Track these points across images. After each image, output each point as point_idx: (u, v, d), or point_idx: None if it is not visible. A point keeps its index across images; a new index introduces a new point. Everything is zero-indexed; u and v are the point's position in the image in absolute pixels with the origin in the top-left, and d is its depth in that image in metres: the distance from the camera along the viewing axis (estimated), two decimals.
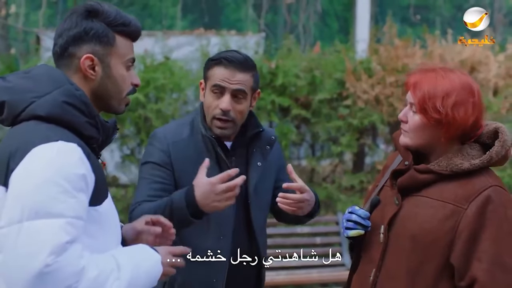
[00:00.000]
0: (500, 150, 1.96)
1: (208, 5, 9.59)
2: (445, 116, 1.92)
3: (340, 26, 10.26)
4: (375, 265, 2.04)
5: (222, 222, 2.36)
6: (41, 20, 8.22)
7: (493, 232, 1.88)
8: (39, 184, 1.56)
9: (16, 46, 7.70)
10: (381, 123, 5.95)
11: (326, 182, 6.21)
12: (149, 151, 2.41)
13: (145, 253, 1.77)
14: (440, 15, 10.93)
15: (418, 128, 1.98)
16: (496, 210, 1.90)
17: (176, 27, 9.30)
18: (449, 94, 1.93)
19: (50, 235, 1.53)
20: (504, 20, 10.91)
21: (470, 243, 1.89)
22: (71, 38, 1.76)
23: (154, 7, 9.70)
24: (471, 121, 1.95)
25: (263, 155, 2.46)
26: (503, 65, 6.33)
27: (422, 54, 6.26)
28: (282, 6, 9.73)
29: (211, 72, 2.36)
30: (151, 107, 5.47)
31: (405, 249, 1.97)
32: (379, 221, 2.06)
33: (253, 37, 7.71)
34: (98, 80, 1.77)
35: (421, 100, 1.94)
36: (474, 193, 1.91)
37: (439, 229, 1.92)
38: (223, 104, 2.31)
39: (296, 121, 6.08)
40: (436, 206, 1.94)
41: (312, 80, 5.97)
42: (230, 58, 2.33)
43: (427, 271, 1.93)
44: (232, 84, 2.32)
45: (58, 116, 1.67)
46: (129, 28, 1.81)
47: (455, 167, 1.94)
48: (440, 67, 2.01)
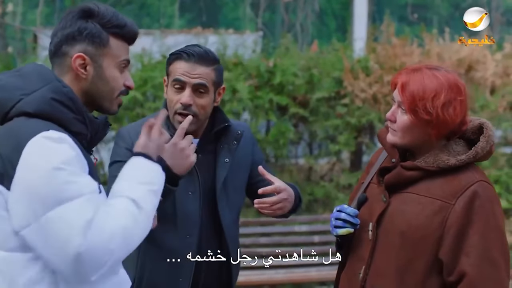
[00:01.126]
0: (485, 146, 1.98)
1: (206, 4, 9.60)
2: (435, 117, 1.93)
3: (337, 25, 10.28)
4: (364, 263, 2.05)
5: (189, 221, 2.34)
6: (38, 18, 8.22)
7: (481, 227, 1.90)
8: (44, 175, 1.58)
9: (14, 44, 7.69)
10: (378, 122, 5.95)
11: (324, 180, 6.21)
12: (115, 151, 2.36)
13: (147, 170, 1.75)
14: (437, 14, 10.96)
15: (407, 127, 1.99)
16: (483, 205, 1.91)
17: (174, 26, 9.31)
18: (437, 95, 1.93)
19: (74, 217, 1.56)
20: (502, 19, 10.94)
21: (458, 238, 1.90)
22: (64, 37, 1.78)
23: (152, 6, 9.70)
24: (460, 119, 1.97)
25: (230, 151, 2.42)
26: (500, 64, 6.34)
27: (420, 53, 6.27)
28: (280, 5, 9.74)
29: (172, 67, 2.32)
30: (149, 106, 5.47)
31: (394, 246, 1.98)
32: (367, 219, 2.07)
33: (251, 36, 7.72)
34: (90, 80, 1.79)
35: (411, 101, 1.95)
36: (461, 189, 1.92)
37: (427, 225, 1.93)
38: (184, 98, 2.27)
39: (294, 120, 6.08)
40: (424, 203, 1.95)
41: (310, 79, 5.97)
42: (190, 52, 2.29)
43: (416, 268, 1.94)
44: (192, 78, 2.29)
45: (46, 113, 1.69)
46: (123, 30, 1.83)
47: (441, 163, 1.96)
48: (426, 66, 2.02)
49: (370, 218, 2.05)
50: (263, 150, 5.98)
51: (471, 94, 5.99)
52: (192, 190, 2.34)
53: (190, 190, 2.33)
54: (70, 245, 1.54)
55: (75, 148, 1.66)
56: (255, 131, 5.79)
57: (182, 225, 2.32)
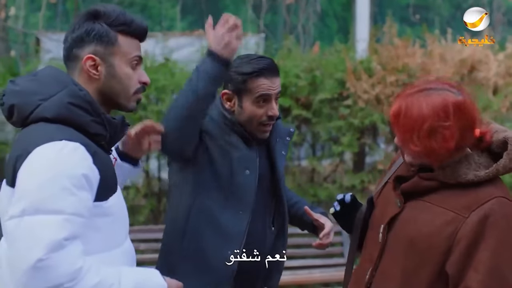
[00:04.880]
0: (508, 164, 1.90)
1: (207, 6, 9.60)
2: (423, 148, 1.89)
3: (339, 26, 10.27)
4: (372, 264, 2.04)
5: (243, 197, 2.40)
6: (40, 22, 8.24)
7: (493, 243, 1.83)
8: (41, 182, 1.61)
9: (16, 48, 7.70)
10: (381, 123, 5.95)
11: (327, 182, 6.21)
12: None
13: (152, 278, 1.79)
14: (439, 14, 10.95)
15: (412, 156, 1.97)
16: (497, 222, 1.84)
17: (176, 28, 9.32)
18: (421, 126, 1.87)
19: (47, 230, 1.58)
20: (503, 19, 10.93)
21: (467, 252, 1.84)
22: (74, 40, 1.82)
23: (154, 8, 9.71)
24: (453, 145, 1.89)
25: (285, 146, 2.56)
26: (503, 64, 6.33)
27: (422, 54, 6.26)
28: (281, 6, 9.74)
29: (251, 84, 2.37)
30: (152, 108, 5.47)
31: (402, 252, 1.95)
32: (380, 220, 2.05)
33: (253, 38, 7.72)
34: (103, 80, 1.82)
35: (402, 138, 1.94)
36: (477, 203, 1.86)
37: (437, 235, 1.89)
38: (274, 110, 2.40)
39: (297, 121, 6.08)
40: (437, 212, 1.91)
41: (313, 80, 5.97)
42: (269, 66, 2.38)
43: (421, 276, 1.91)
44: (275, 89, 2.40)
45: (65, 117, 1.72)
46: (130, 27, 1.85)
47: (459, 177, 1.90)
48: (419, 89, 1.94)
49: (382, 220, 2.03)
50: None
51: (474, 94, 5.98)
52: (251, 169, 2.40)
53: (248, 169, 2.39)
54: (29, 256, 1.55)
55: (87, 161, 1.68)
56: None
57: (235, 200, 2.38)
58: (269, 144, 2.51)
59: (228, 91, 2.41)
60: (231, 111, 2.42)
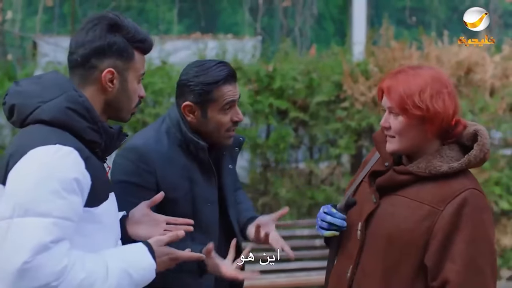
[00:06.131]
0: (479, 154, 1.96)
1: (204, 10, 9.60)
2: (426, 110, 1.94)
3: (336, 29, 10.28)
4: (352, 262, 2.06)
5: (208, 231, 2.34)
6: (37, 26, 8.23)
7: (468, 234, 1.89)
8: (32, 184, 1.63)
9: (13, 52, 7.69)
10: (379, 125, 5.93)
11: (324, 184, 6.21)
12: (129, 168, 2.29)
13: (141, 259, 1.79)
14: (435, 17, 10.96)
15: (402, 129, 1.99)
16: (471, 213, 1.90)
17: (173, 31, 9.31)
18: (424, 89, 1.94)
19: (34, 233, 1.60)
20: (500, 21, 10.94)
21: (444, 244, 1.89)
22: (94, 50, 1.83)
23: (151, 12, 9.71)
24: (452, 111, 1.97)
25: (233, 158, 2.48)
26: (499, 66, 6.34)
27: (419, 56, 6.27)
28: (278, 9, 9.75)
29: (217, 93, 2.30)
30: (149, 111, 5.48)
31: (381, 248, 1.99)
32: (357, 218, 2.08)
33: (250, 41, 7.73)
34: (114, 93, 1.86)
35: (399, 101, 1.96)
36: (451, 195, 1.92)
37: (415, 230, 1.93)
38: (239, 115, 2.34)
39: (294, 124, 6.08)
40: (413, 207, 1.95)
41: (310, 83, 5.97)
42: (231, 73, 2.34)
43: (402, 271, 1.95)
44: (237, 94, 2.36)
45: (61, 121, 1.74)
46: (145, 44, 1.91)
47: (433, 169, 1.95)
48: (408, 67, 2.04)
49: (360, 218, 2.06)
50: (263, 155, 5.98)
51: (471, 96, 5.99)
52: (211, 201, 2.35)
53: (209, 202, 2.34)
54: (15, 259, 1.58)
55: (79, 166, 1.69)
56: (255, 136, 5.79)
57: (201, 236, 2.30)
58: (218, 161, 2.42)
59: (190, 102, 2.31)
60: (193, 122, 2.33)
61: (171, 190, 2.25)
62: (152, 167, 2.26)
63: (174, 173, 2.28)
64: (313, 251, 5.21)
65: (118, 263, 1.73)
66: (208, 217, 2.34)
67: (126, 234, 2.01)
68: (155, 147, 2.29)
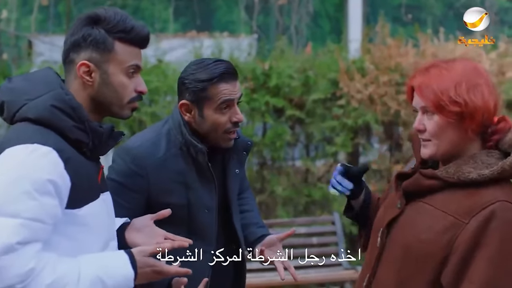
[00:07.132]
0: None
1: (200, 8, 9.60)
2: (464, 105, 1.72)
3: (332, 27, 10.28)
4: (370, 270, 1.91)
5: (205, 236, 2.29)
6: (32, 25, 8.21)
7: (491, 252, 1.65)
8: (4, 184, 1.60)
9: (8, 51, 7.67)
10: (375, 123, 5.95)
11: (321, 182, 6.21)
12: (121, 168, 2.25)
13: (119, 266, 1.72)
14: (431, 14, 10.97)
15: (439, 130, 1.77)
16: (498, 228, 1.66)
17: (169, 30, 9.30)
18: (459, 83, 1.73)
19: (0, 233, 1.56)
20: (495, 19, 10.95)
21: (463, 261, 1.68)
22: (71, 44, 1.79)
23: (146, 10, 9.70)
24: (492, 105, 1.75)
25: (240, 162, 2.40)
26: (495, 63, 6.35)
27: (415, 53, 6.28)
28: (274, 7, 9.74)
29: (212, 91, 2.22)
30: (145, 110, 5.47)
31: (398, 259, 1.81)
32: (380, 223, 1.91)
33: (246, 39, 7.73)
34: (96, 87, 1.78)
35: (434, 98, 1.74)
36: (479, 207, 1.69)
37: (435, 242, 1.73)
38: (238, 115, 2.24)
39: (290, 122, 6.08)
40: (437, 216, 1.75)
41: (306, 81, 5.97)
42: (228, 70, 2.23)
43: (416, 285, 1.76)
44: (237, 93, 2.25)
45: (46, 120, 1.70)
46: (129, 34, 1.79)
47: (462, 175, 1.73)
48: (440, 60, 1.84)
49: (382, 223, 1.90)
50: (259, 153, 5.98)
51: None
52: (208, 207, 2.29)
53: (207, 208, 2.29)
54: None
55: (57, 167, 1.65)
56: (252, 134, 5.79)
57: (197, 242, 2.22)
58: (224, 163, 2.37)
59: (186, 101, 2.24)
60: (191, 122, 2.26)
61: (165, 195, 2.22)
62: (144, 171, 2.21)
63: (168, 178, 2.23)
64: (310, 249, 5.21)
65: (93, 270, 1.67)
66: (204, 223, 2.28)
67: (124, 240, 1.96)
68: (150, 150, 2.24)
